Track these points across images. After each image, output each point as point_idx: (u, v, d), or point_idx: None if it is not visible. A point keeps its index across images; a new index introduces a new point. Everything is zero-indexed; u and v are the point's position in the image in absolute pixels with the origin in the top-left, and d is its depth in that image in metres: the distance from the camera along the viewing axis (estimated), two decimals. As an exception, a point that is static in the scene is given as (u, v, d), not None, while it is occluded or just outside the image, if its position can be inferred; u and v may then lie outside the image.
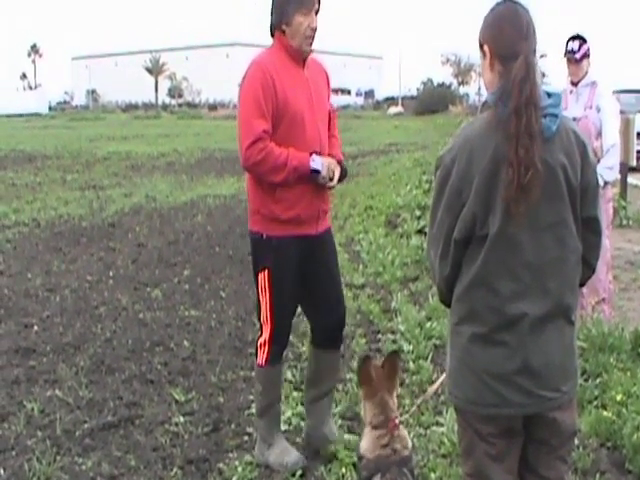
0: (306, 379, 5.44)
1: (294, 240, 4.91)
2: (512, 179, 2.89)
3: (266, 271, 4.97)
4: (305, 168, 4.77)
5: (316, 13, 4.84)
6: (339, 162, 5.03)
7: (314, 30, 4.82)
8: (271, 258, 4.94)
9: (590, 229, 3.17)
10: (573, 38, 7.49)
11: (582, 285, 3.29)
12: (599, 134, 7.45)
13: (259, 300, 5.08)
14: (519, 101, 2.90)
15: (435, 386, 4.06)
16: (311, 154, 4.79)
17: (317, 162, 4.79)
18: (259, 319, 5.12)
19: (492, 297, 3.03)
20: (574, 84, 7.60)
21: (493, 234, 2.97)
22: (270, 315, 4.99)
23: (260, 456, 5.18)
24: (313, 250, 5.02)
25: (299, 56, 4.89)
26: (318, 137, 4.89)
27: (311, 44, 4.88)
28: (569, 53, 7.48)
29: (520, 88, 2.90)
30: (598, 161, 7.28)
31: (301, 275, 5.02)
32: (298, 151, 4.77)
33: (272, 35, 4.93)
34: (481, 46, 3.13)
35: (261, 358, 5.08)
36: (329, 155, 5.00)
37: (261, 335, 5.08)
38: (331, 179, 4.90)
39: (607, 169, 7.41)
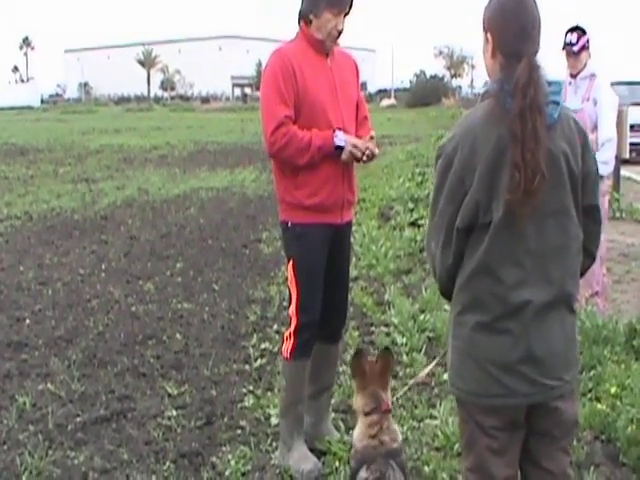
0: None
1: (318, 228, 4.88)
2: (519, 183, 2.88)
3: (292, 261, 4.96)
4: (329, 146, 4.74)
5: (345, 16, 4.84)
6: (371, 138, 4.98)
7: (340, 32, 4.83)
8: (296, 247, 4.94)
9: (591, 218, 3.18)
10: (571, 30, 7.43)
11: (582, 274, 3.28)
12: (595, 127, 7.41)
13: (289, 292, 5.06)
14: (523, 105, 2.88)
15: (427, 369, 4.05)
16: (334, 130, 4.76)
17: (340, 138, 4.76)
18: (288, 311, 5.09)
19: (496, 285, 3.01)
20: (573, 76, 7.56)
21: (497, 221, 2.96)
22: (297, 307, 4.94)
23: (281, 459, 5.10)
24: (334, 241, 5.00)
25: (321, 47, 4.88)
26: (342, 125, 4.85)
27: (335, 42, 4.89)
28: (567, 45, 7.43)
29: (524, 93, 2.89)
30: (593, 154, 7.25)
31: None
32: (321, 132, 4.75)
33: (298, 22, 4.92)
34: (484, 30, 3.11)
35: (286, 351, 5.01)
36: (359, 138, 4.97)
37: (289, 327, 5.03)
38: (362, 156, 4.85)
39: (602, 163, 7.36)
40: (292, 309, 4.97)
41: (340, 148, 4.76)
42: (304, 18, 4.86)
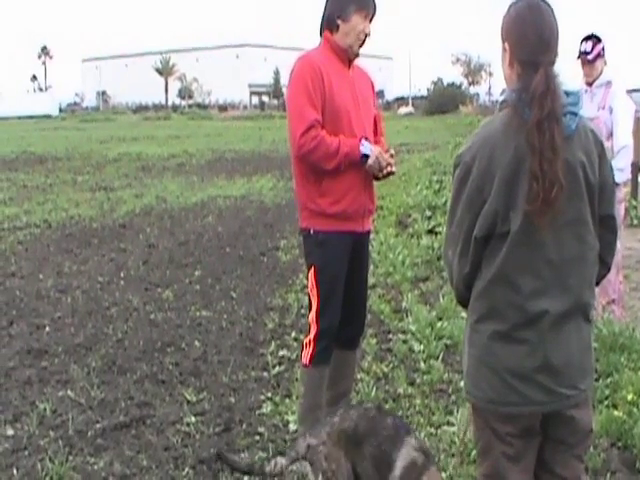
0: None
1: (341, 236, 4.92)
2: (537, 194, 2.90)
3: (313, 268, 4.98)
4: (355, 154, 4.78)
5: (370, 20, 4.89)
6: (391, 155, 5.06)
7: (367, 35, 4.89)
8: (317, 254, 4.96)
9: (606, 227, 3.20)
10: (586, 38, 7.45)
11: (597, 284, 3.29)
12: (611, 135, 7.41)
13: (309, 299, 5.09)
14: (541, 116, 2.90)
15: None
16: (360, 139, 4.81)
17: (366, 147, 4.81)
18: (308, 318, 5.12)
19: (513, 294, 3.03)
20: (589, 84, 7.57)
21: (515, 231, 2.98)
22: (317, 314, 4.97)
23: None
24: (354, 250, 5.03)
25: (346, 56, 4.93)
26: (363, 132, 4.90)
27: (361, 46, 4.94)
28: (582, 54, 7.44)
29: (541, 103, 2.91)
30: (608, 162, 7.27)
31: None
32: (347, 138, 4.79)
33: (321, 33, 4.97)
34: (502, 39, 3.14)
35: (305, 357, 5.05)
36: None
37: (308, 334, 5.06)
38: (384, 168, 4.91)
39: (618, 170, 7.37)
40: (312, 316, 5.01)
41: (365, 156, 4.80)
42: (329, 25, 4.89)
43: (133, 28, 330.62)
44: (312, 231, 4.97)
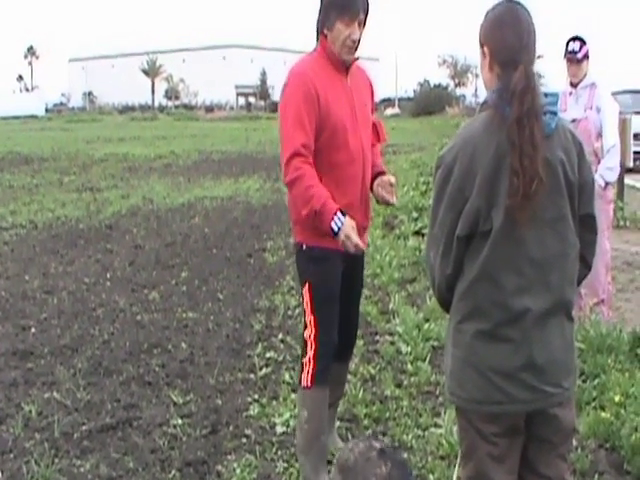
0: None
1: (334, 251, 4.65)
2: (517, 189, 2.93)
3: (307, 284, 4.77)
4: (325, 222, 4.49)
5: (360, 24, 4.66)
6: (382, 173, 4.99)
7: (354, 42, 4.65)
8: (312, 270, 4.77)
9: (587, 227, 3.23)
10: (573, 39, 7.51)
11: (579, 284, 3.31)
12: (599, 135, 7.46)
13: (304, 316, 4.85)
14: (521, 112, 2.94)
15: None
16: (336, 211, 4.50)
17: (337, 223, 4.47)
18: (304, 336, 4.86)
19: (497, 292, 3.05)
20: (573, 85, 7.61)
21: (497, 229, 3.00)
22: (315, 331, 4.74)
23: None
24: (348, 265, 4.83)
25: (341, 63, 4.73)
26: (361, 146, 4.74)
27: (351, 53, 4.71)
28: (570, 53, 7.50)
29: (521, 100, 2.95)
30: (599, 162, 7.32)
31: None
32: (330, 198, 4.51)
33: (317, 38, 4.79)
34: (481, 45, 3.18)
35: (306, 379, 4.78)
36: (373, 165, 4.93)
37: (305, 354, 4.80)
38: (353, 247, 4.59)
39: (608, 170, 7.43)
40: (309, 334, 4.77)
41: (334, 231, 4.50)
42: (321, 33, 4.72)
43: (120, 29, 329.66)
44: (305, 246, 4.78)
